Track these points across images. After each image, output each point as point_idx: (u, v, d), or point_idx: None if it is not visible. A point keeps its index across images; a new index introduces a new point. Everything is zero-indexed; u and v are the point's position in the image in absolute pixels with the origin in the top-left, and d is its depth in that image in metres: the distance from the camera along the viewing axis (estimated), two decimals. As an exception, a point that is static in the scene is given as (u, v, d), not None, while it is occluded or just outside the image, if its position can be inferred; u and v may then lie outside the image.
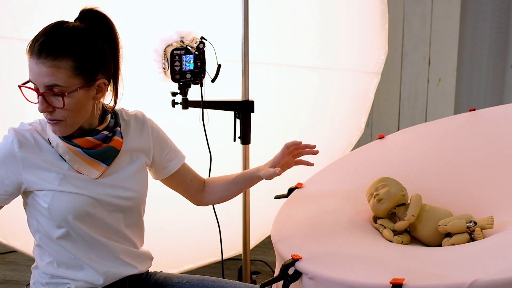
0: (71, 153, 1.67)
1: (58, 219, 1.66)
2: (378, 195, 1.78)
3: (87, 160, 1.68)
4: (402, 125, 4.04)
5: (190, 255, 2.84)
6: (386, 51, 3.11)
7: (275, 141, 2.90)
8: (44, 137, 1.68)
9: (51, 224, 1.68)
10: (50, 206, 1.66)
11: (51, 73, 1.56)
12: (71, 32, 1.59)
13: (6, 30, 2.41)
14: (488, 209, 1.74)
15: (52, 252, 1.71)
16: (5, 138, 1.67)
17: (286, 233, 1.74)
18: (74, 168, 1.68)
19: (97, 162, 1.69)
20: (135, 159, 1.78)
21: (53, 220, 1.67)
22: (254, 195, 2.56)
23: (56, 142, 1.67)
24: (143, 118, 1.82)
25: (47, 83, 1.57)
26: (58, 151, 1.67)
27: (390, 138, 2.19)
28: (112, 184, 1.72)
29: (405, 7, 3.91)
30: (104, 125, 1.71)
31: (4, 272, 3.15)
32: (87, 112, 1.66)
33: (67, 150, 1.66)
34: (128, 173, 1.75)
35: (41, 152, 1.67)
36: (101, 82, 1.65)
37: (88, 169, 1.69)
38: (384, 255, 1.58)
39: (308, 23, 2.89)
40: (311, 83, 2.95)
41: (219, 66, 2.31)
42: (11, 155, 1.64)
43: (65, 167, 1.68)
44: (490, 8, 3.95)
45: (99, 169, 1.70)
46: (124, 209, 1.75)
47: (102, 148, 1.69)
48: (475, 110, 2.17)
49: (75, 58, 1.57)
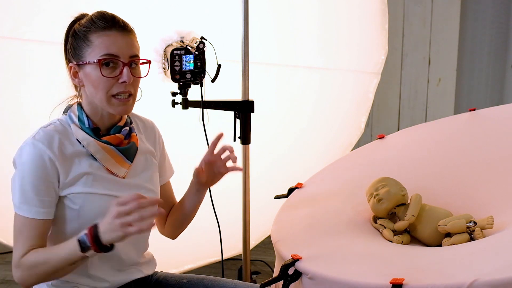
0: (103, 152, 1.67)
1: (86, 222, 1.63)
2: (378, 195, 1.78)
3: (117, 157, 1.69)
4: (402, 125, 4.04)
5: (190, 255, 2.84)
6: (386, 51, 3.11)
7: (275, 141, 2.91)
8: (71, 137, 1.68)
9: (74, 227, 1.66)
10: (80, 208, 1.64)
11: (135, 44, 1.68)
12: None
13: (6, 30, 2.41)
14: (488, 209, 1.74)
15: None
16: (29, 151, 1.62)
17: (286, 233, 1.74)
18: (104, 167, 1.68)
19: (123, 158, 1.71)
20: (149, 160, 1.80)
21: (79, 223, 1.65)
22: (254, 195, 2.56)
23: (87, 141, 1.67)
24: (153, 125, 1.88)
25: (133, 53, 1.66)
26: (90, 150, 1.67)
27: (390, 138, 2.19)
28: (136, 185, 1.74)
29: (405, 7, 3.91)
30: (123, 121, 1.74)
31: (4, 272, 3.15)
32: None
33: (99, 148, 1.67)
34: (147, 174, 1.78)
35: (71, 155, 1.66)
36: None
37: (117, 167, 1.69)
38: (384, 255, 1.58)
39: (308, 23, 2.89)
40: (311, 83, 2.95)
41: (219, 66, 2.31)
42: (44, 164, 1.61)
43: (96, 166, 1.68)
44: (490, 8, 3.95)
45: (125, 166, 1.71)
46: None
47: (127, 144, 1.72)
48: (475, 110, 2.17)
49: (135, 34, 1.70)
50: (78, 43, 1.66)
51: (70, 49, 1.69)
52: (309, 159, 2.98)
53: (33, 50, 2.45)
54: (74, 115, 1.70)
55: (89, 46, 1.64)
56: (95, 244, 1.50)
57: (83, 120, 1.69)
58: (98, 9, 1.70)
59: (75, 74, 1.69)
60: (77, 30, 1.67)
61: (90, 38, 1.64)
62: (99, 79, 1.63)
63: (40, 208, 1.61)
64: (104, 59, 1.63)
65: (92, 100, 1.68)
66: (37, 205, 1.61)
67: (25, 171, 1.62)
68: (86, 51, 1.64)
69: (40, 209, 1.61)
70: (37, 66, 2.46)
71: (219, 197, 2.44)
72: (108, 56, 1.63)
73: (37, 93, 2.49)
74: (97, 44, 1.63)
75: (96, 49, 1.63)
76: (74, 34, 1.68)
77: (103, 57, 1.63)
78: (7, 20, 2.40)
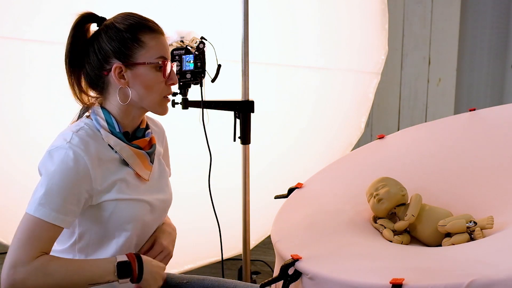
0: (135, 156, 1.66)
1: (112, 227, 1.63)
2: (378, 195, 1.78)
3: (144, 161, 1.68)
4: (402, 125, 4.04)
5: (190, 255, 2.84)
6: (386, 51, 3.11)
7: (275, 141, 2.91)
8: (102, 143, 1.63)
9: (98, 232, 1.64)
10: (111, 214, 1.63)
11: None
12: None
13: (6, 30, 2.41)
14: (488, 209, 1.74)
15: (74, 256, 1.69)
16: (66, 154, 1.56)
17: (286, 233, 1.74)
18: (135, 171, 1.66)
19: (148, 161, 1.70)
20: (161, 162, 1.80)
21: (105, 228, 1.64)
22: (254, 195, 2.56)
23: (120, 146, 1.64)
24: (162, 128, 1.87)
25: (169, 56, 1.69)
26: (122, 155, 1.64)
27: (390, 138, 2.19)
28: (157, 187, 1.74)
29: (405, 7, 3.91)
30: (144, 123, 1.73)
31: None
32: None
33: (131, 153, 1.65)
34: (163, 177, 1.78)
35: (105, 161, 1.62)
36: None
37: (143, 171, 1.68)
38: (384, 255, 1.58)
39: (308, 23, 2.89)
40: (311, 83, 2.96)
41: (219, 66, 2.31)
42: (83, 171, 1.57)
43: (126, 171, 1.65)
44: (490, 8, 3.95)
45: (149, 168, 1.70)
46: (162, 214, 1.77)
47: (151, 147, 1.72)
48: (475, 110, 2.17)
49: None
50: (127, 43, 1.61)
51: (114, 49, 1.62)
52: (309, 159, 2.98)
53: (33, 50, 2.45)
54: (102, 119, 1.64)
55: (143, 47, 1.61)
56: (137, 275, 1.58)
57: (113, 124, 1.64)
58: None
59: (120, 74, 1.63)
60: (121, 29, 1.62)
61: (142, 39, 1.62)
62: (154, 80, 1.63)
63: (61, 214, 1.54)
64: (162, 62, 1.63)
65: (138, 101, 1.64)
66: (58, 211, 1.54)
67: (56, 173, 1.55)
68: (139, 51, 1.61)
69: (60, 215, 1.54)
70: (37, 66, 2.46)
71: (219, 197, 2.44)
72: (163, 59, 1.64)
73: (37, 93, 2.49)
74: (152, 46, 1.62)
75: (150, 50, 1.62)
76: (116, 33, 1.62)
77: (160, 59, 1.63)
78: (7, 20, 2.40)
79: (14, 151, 2.50)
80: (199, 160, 2.41)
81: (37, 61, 2.46)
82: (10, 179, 2.51)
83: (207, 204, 2.38)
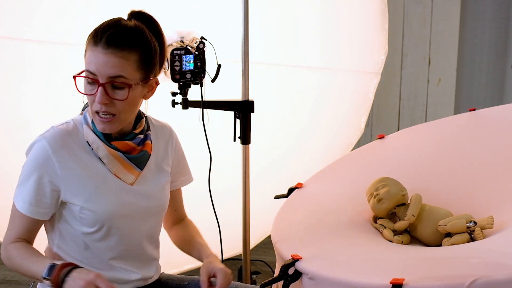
0: (111, 157, 1.65)
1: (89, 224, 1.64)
2: (378, 195, 1.78)
3: (125, 164, 1.67)
4: (402, 125, 4.04)
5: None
6: (386, 51, 3.11)
7: (275, 141, 2.91)
8: (81, 138, 1.66)
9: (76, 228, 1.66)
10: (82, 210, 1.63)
11: (120, 63, 1.57)
12: (136, 27, 1.62)
13: (6, 30, 2.41)
14: (488, 209, 1.74)
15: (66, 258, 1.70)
16: (36, 147, 1.63)
17: (286, 233, 1.74)
18: (112, 171, 1.66)
19: (132, 166, 1.68)
20: (162, 168, 1.77)
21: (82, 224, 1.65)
22: (254, 195, 2.56)
23: (96, 144, 1.64)
24: (171, 131, 1.84)
25: (113, 73, 1.57)
26: (98, 153, 1.65)
27: (390, 138, 2.19)
28: (144, 192, 1.71)
29: (405, 7, 3.91)
30: (139, 128, 1.71)
31: (4, 272, 3.15)
32: (136, 110, 1.68)
33: (107, 153, 1.65)
34: (157, 183, 1.75)
35: (77, 156, 1.64)
36: (154, 81, 1.67)
37: (124, 174, 1.67)
38: (384, 255, 1.58)
39: (308, 23, 2.89)
40: (311, 83, 2.95)
41: (219, 66, 2.31)
42: (47, 163, 1.61)
43: (103, 171, 1.66)
44: (490, 8, 3.95)
45: (134, 173, 1.69)
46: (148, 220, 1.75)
47: (138, 152, 1.69)
48: (475, 110, 2.17)
49: (140, 51, 1.60)
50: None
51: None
52: (309, 159, 2.98)
53: (33, 50, 2.45)
54: (89, 116, 1.66)
55: (85, 56, 1.61)
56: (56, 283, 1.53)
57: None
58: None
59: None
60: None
61: (86, 48, 1.60)
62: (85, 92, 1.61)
63: (32, 205, 1.62)
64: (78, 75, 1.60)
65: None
66: (30, 202, 1.62)
67: (25, 165, 1.63)
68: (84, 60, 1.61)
69: (30, 206, 1.62)
70: (37, 66, 2.46)
71: (219, 197, 2.44)
72: (87, 73, 1.59)
73: (37, 93, 2.49)
74: (86, 57, 1.60)
75: (85, 61, 1.60)
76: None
77: (81, 72, 1.60)
78: (7, 20, 2.40)
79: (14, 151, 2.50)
80: (199, 160, 2.41)
81: (37, 61, 2.46)
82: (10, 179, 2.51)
83: (207, 204, 2.38)
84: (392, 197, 1.77)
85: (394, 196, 1.78)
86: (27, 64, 2.47)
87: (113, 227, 1.67)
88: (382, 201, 1.77)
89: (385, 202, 1.77)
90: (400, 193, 1.78)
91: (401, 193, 1.79)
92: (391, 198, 1.77)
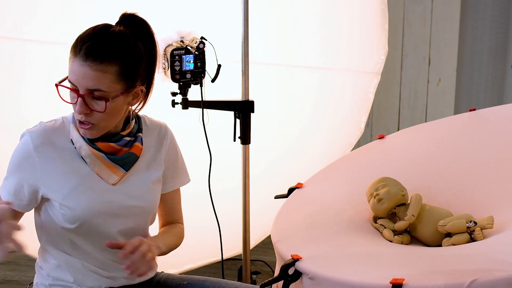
0: (93, 157, 1.65)
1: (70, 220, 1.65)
2: (378, 195, 1.78)
3: (108, 164, 1.67)
4: (402, 125, 4.04)
5: (190, 255, 2.84)
6: (386, 51, 3.11)
7: (275, 141, 2.91)
8: (67, 136, 1.67)
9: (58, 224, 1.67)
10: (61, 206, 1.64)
11: (97, 77, 1.55)
12: (118, 37, 1.59)
13: (6, 30, 2.41)
14: (488, 209, 1.74)
15: (57, 255, 1.71)
16: (21, 141, 1.66)
17: (286, 233, 1.74)
18: (94, 171, 1.66)
19: (117, 167, 1.68)
20: (152, 169, 1.76)
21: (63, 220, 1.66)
22: (254, 195, 2.56)
23: (79, 143, 1.65)
24: (166, 130, 1.81)
25: (91, 86, 1.56)
26: (80, 153, 1.66)
27: (390, 138, 2.19)
28: (127, 193, 1.71)
29: (405, 7, 3.91)
30: (127, 130, 1.70)
31: (4, 272, 3.15)
32: (120, 117, 1.66)
33: (89, 153, 1.65)
34: (144, 183, 1.74)
35: (60, 153, 1.65)
36: (139, 89, 1.65)
37: (107, 174, 1.67)
38: (384, 255, 1.58)
39: (308, 23, 2.89)
40: (311, 83, 2.95)
41: (219, 66, 2.31)
42: (27, 158, 1.63)
43: (85, 169, 1.67)
44: (490, 8, 3.95)
45: (118, 174, 1.69)
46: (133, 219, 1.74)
47: (123, 154, 1.69)
48: (475, 110, 2.17)
49: (120, 63, 1.57)
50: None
51: None
52: (309, 159, 2.98)
53: (33, 50, 2.45)
54: None
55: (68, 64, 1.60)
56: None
57: None
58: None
59: None
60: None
61: (69, 57, 1.59)
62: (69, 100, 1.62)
63: (13, 197, 1.65)
64: (60, 83, 1.60)
65: None
66: (11, 193, 1.65)
67: (12, 160, 1.66)
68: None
69: (11, 197, 1.65)
70: (37, 66, 2.46)
71: (219, 197, 2.44)
72: (69, 82, 1.59)
73: (37, 93, 2.49)
74: (68, 65, 1.59)
75: (68, 69, 1.59)
76: None
77: (63, 80, 1.61)
78: (7, 20, 2.40)
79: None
80: (199, 160, 2.41)
81: (37, 61, 2.46)
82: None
83: (207, 204, 2.38)
84: (392, 197, 1.77)
85: (394, 196, 1.78)
86: (27, 64, 2.46)
87: (93, 224, 1.67)
88: (382, 201, 1.77)
89: (385, 202, 1.77)
90: (400, 193, 1.78)
91: (401, 193, 1.79)
92: (391, 198, 1.77)
